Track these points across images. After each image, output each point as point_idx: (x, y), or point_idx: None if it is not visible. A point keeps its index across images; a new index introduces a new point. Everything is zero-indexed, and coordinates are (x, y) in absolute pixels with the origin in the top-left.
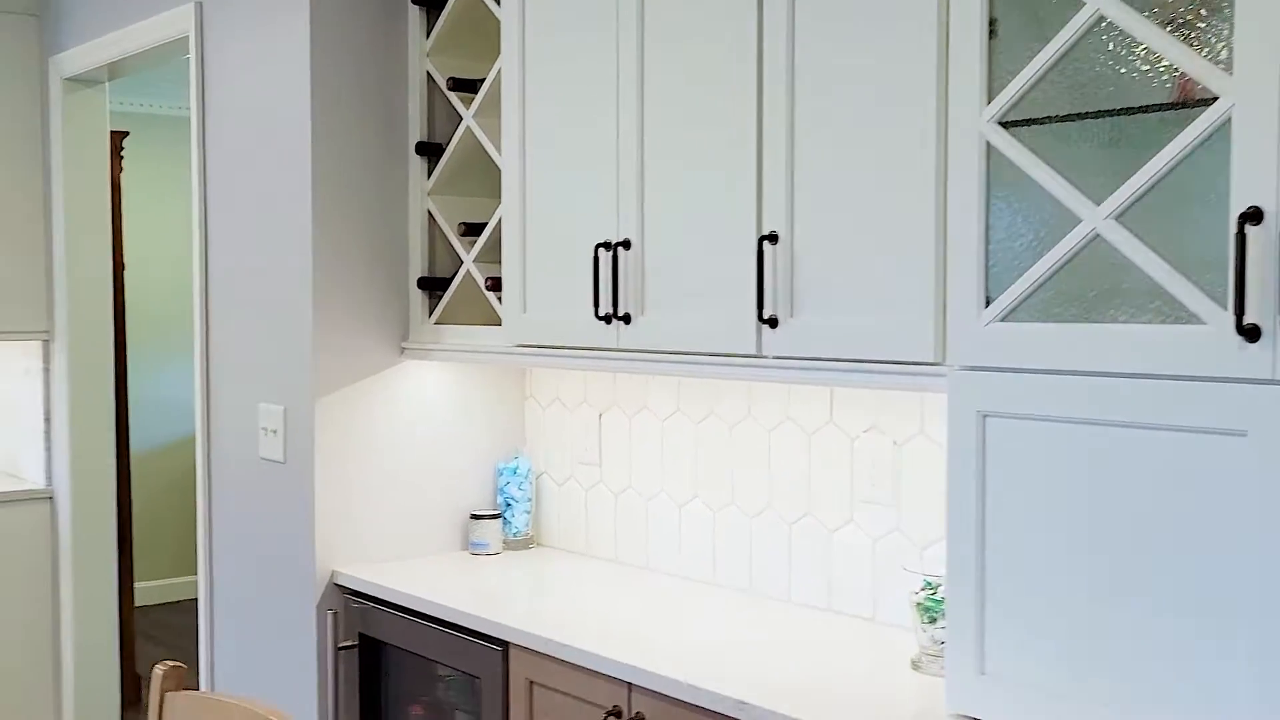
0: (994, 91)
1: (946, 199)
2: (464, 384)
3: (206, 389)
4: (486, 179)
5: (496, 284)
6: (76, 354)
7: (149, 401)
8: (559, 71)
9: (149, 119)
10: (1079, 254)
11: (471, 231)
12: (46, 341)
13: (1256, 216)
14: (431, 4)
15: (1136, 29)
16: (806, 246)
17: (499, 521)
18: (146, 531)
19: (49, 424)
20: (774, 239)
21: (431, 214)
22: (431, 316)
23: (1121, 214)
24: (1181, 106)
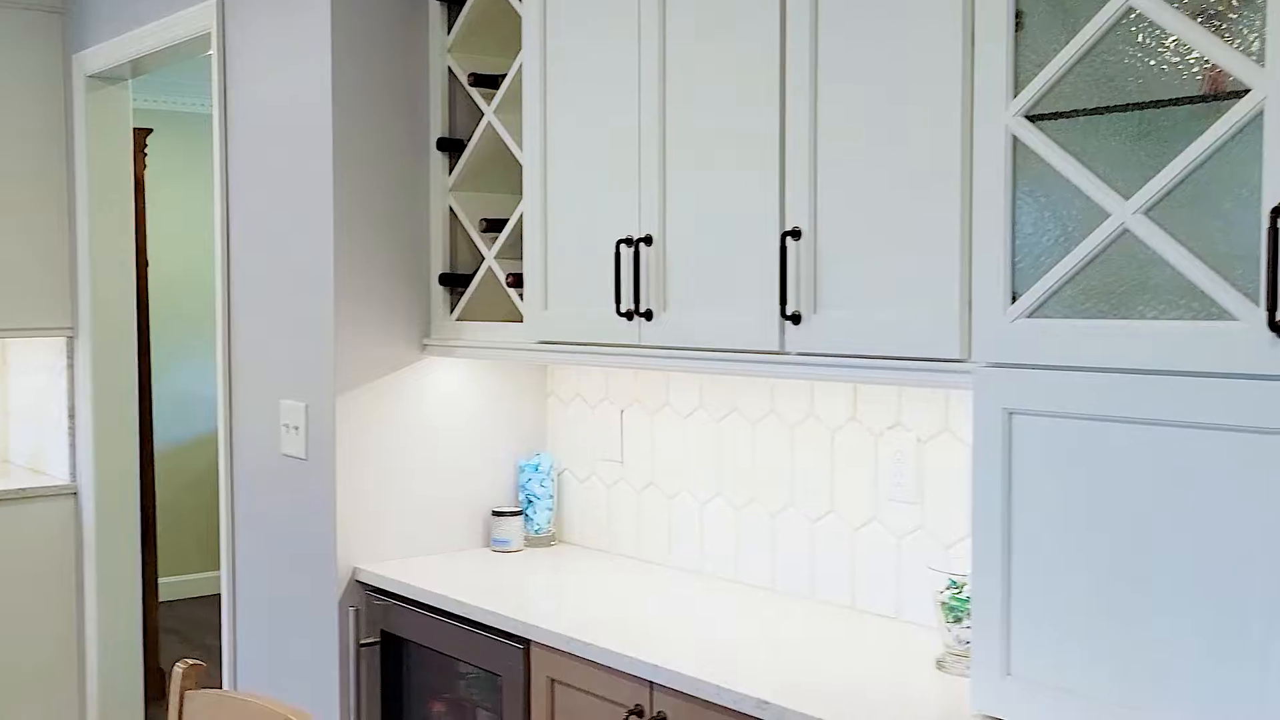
0: (1020, 84)
1: (972, 193)
2: (485, 380)
3: (229, 385)
4: (508, 175)
5: (518, 280)
6: (100, 350)
7: (173, 397)
8: (580, 67)
9: (173, 116)
10: (1107, 249)
11: (493, 228)
12: (70, 338)
13: None
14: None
15: (1166, 20)
16: (830, 242)
17: (521, 519)
18: (171, 526)
19: (73, 420)
20: (797, 235)
21: (453, 210)
22: (453, 313)
23: (1150, 208)
24: (1212, 99)
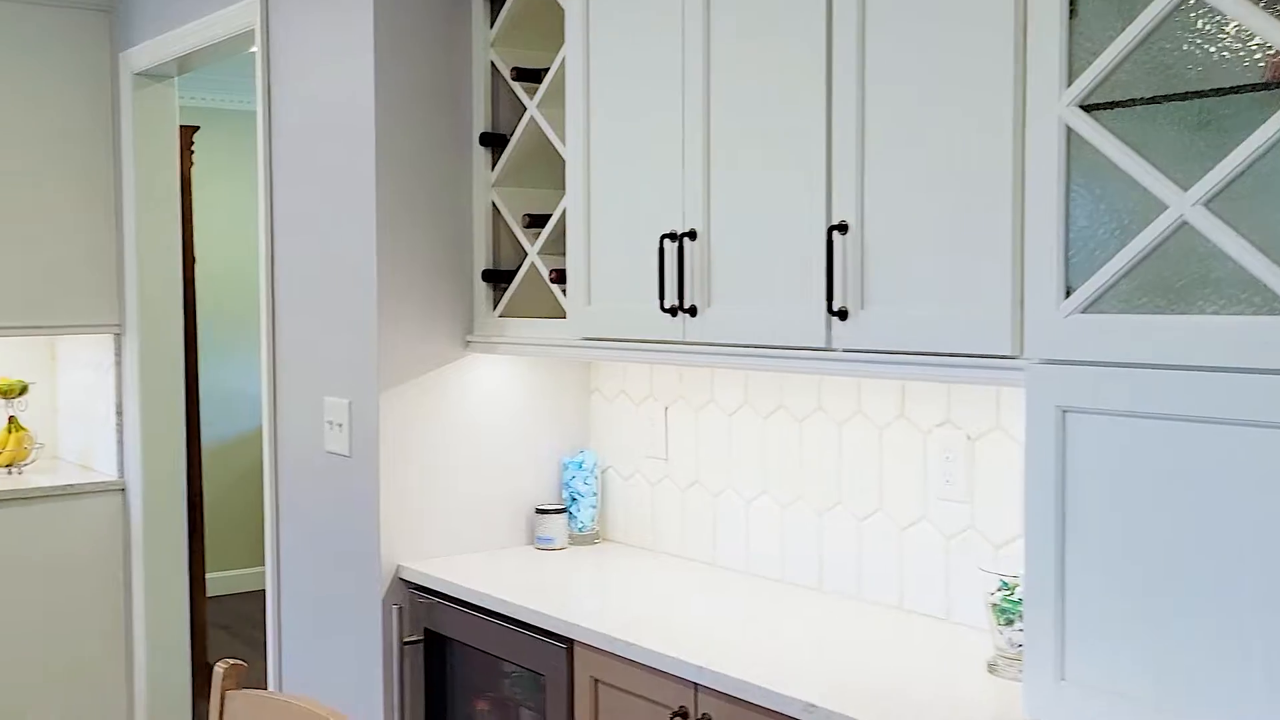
0: (1074, 74)
1: (1024, 186)
2: (529, 377)
3: (273, 382)
4: (550, 170)
5: (561, 276)
6: (147, 347)
7: (221, 393)
8: (623, 60)
9: (220, 113)
10: (1165, 242)
11: (536, 223)
12: (118, 335)
13: None
14: None
15: (1227, 6)
16: (878, 236)
17: (564, 516)
18: (219, 522)
19: (120, 417)
20: (844, 229)
21: (496, 206)
22: (496, 309)
23: (1210, 200)
24: (1275, 87)
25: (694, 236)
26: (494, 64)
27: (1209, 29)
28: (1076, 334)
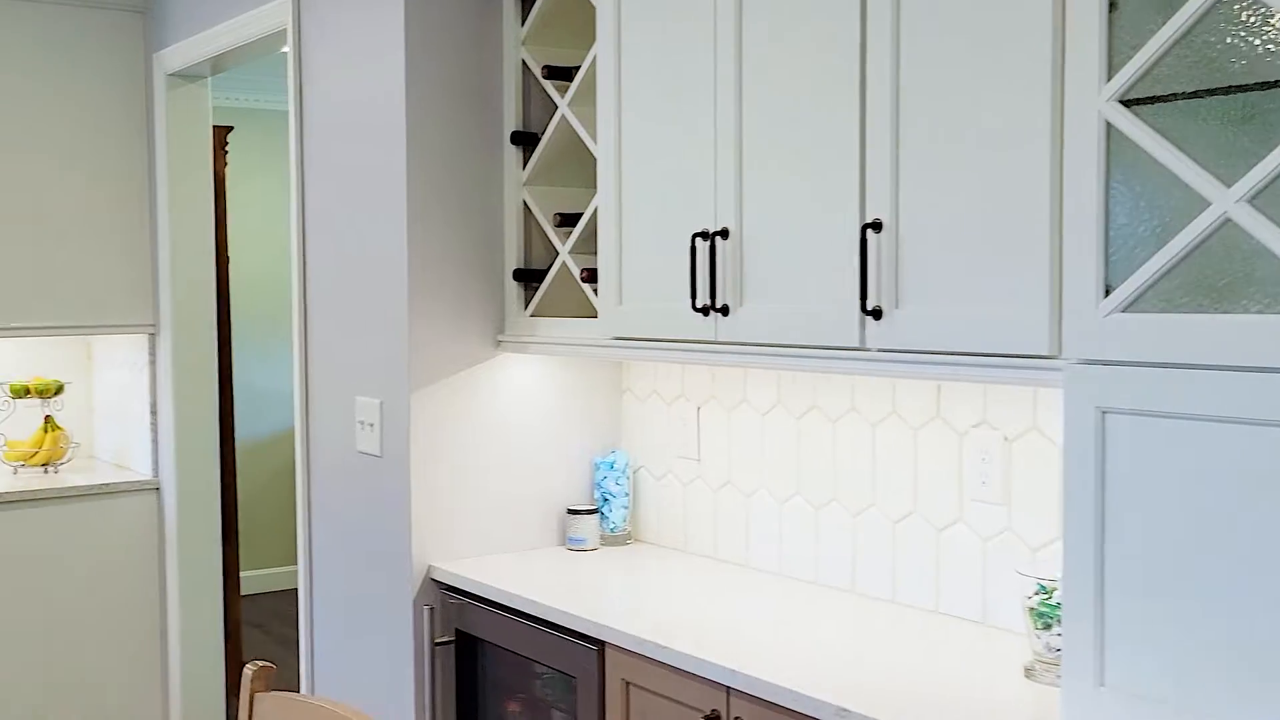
0: (1114, 68)
1: (1063, 182)
2: (560, 376)
3: (305, 382)
4: (582, 168)
5: (592, 275)
6: (181, 347)
7: (255, 392)
8: (655, 57)
9: (254, 113)
10: (1208, 240)
11: (567, 222)
12: (152, 335)
13: None
14: None
15: None
16: (912, 234)
17: (596, 517)
18: (253, 520)
19: (155, 416)
20: (878, 227)
21: (527, 204)
22: (527, 309)
23: (1255, 196)
24: None
25: (726, 235)
26: (525, 62)
27: (1253, 21)
28: (1116, 334)
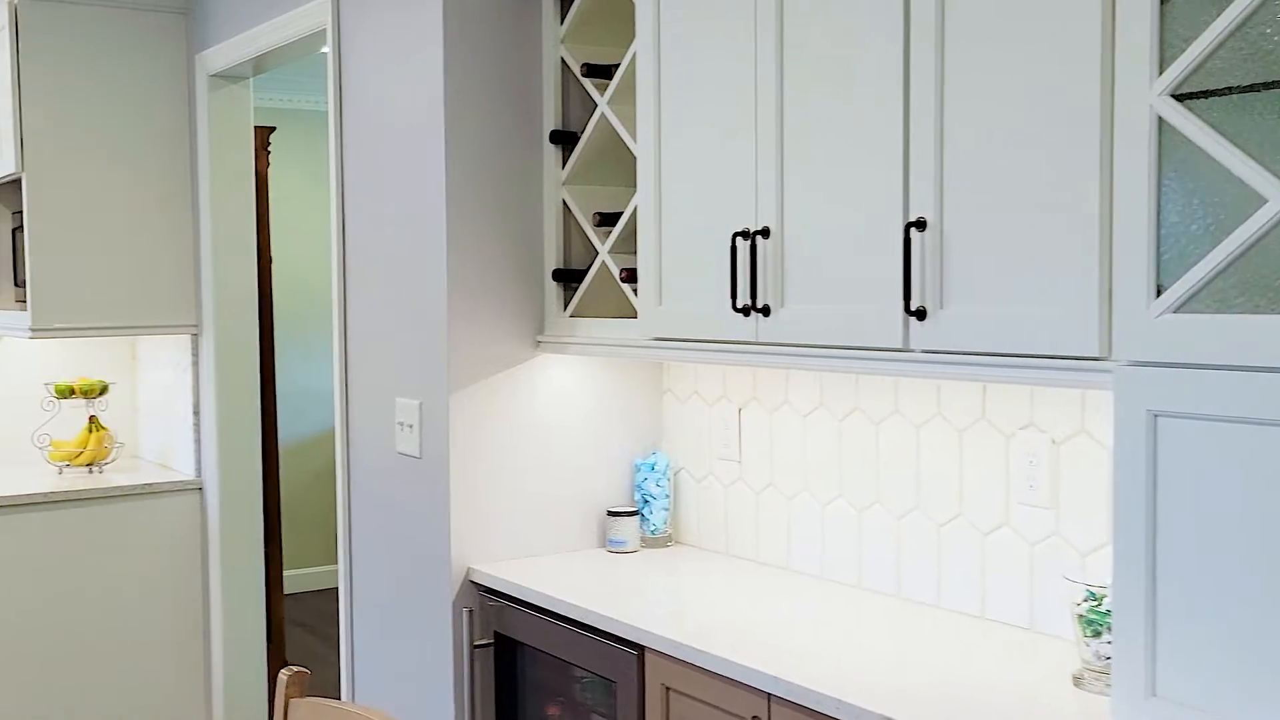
0: (1166, 61)
1: (1113, 179)
2: (600, 377)
3: (345, 383)
4: (621, 167)
5: (632, 275)
6: (223, 347)
7: (298, 392)
8: (695, 54)
9: (296, 114)
10: (1264, 238)
11: (606, 221)
12: (195, 335)
13: None
14: None
15: None
16: (957, 233)
17: (637, 519)
18: (298, 519)
19: (197, 416)
20: (922, 225)
21: (566, 204)
22: (567, 309)
23: None
24: None
25: (767, 234)
26: (564, 60)
27: None
28: (1168, 335)
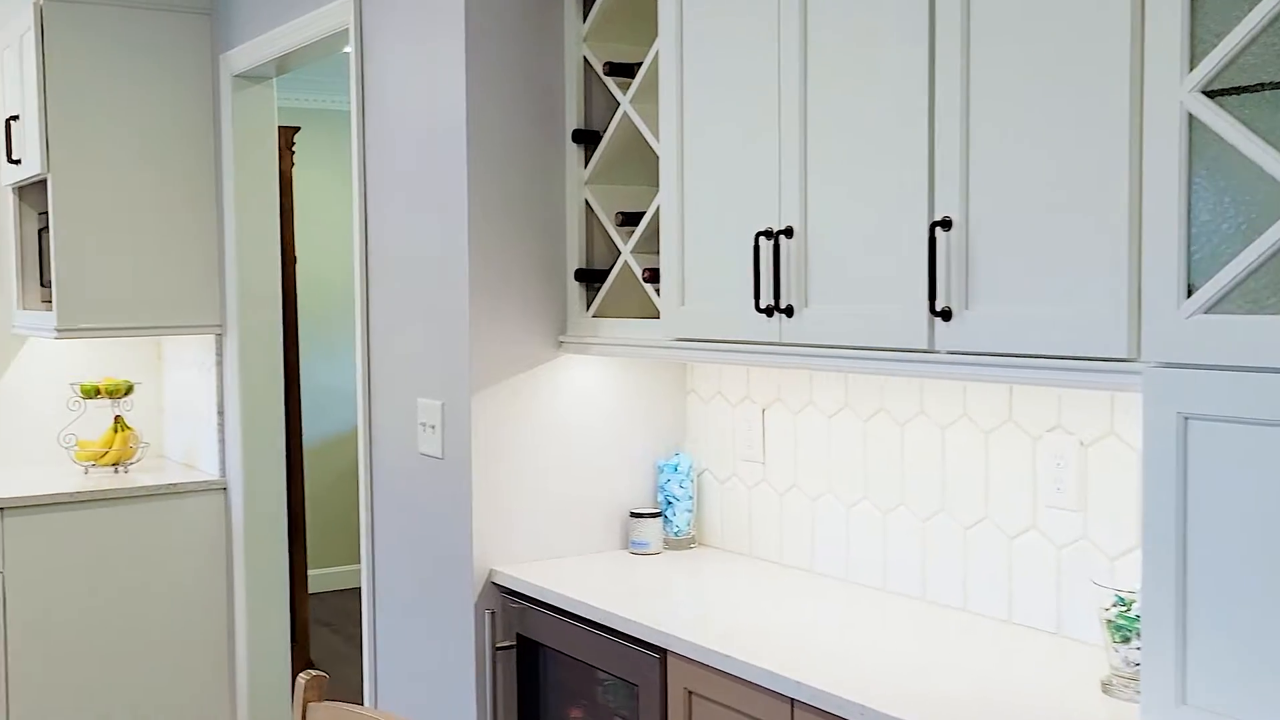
0: (1197, 57)
1: (1142, 177)
2: (623, 378)
3: (368, 383)
4: (644, 167)
5: (655, 275)
6: (247, 347)
7: (322, 392)
8: (718, 53)
9: (321, 114)
10: None
11: (629, 221)
12: (219, 335)
13: None
14: None
15: None
16: (983, 232)
17: (660, 520)
18: (322, 518)
19: (222, 416)
20: (947, 224)
21: (588, 203)
22: (589, 309)
23: None
24: None
25: (790, 234)
26: (586, 59)
27: None
28: (1199, 336)
